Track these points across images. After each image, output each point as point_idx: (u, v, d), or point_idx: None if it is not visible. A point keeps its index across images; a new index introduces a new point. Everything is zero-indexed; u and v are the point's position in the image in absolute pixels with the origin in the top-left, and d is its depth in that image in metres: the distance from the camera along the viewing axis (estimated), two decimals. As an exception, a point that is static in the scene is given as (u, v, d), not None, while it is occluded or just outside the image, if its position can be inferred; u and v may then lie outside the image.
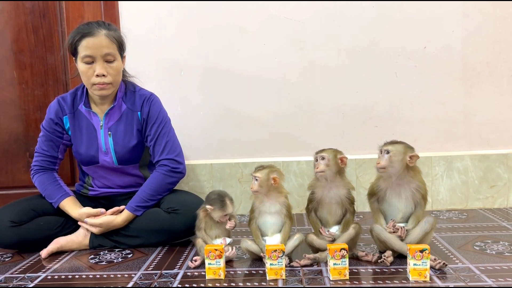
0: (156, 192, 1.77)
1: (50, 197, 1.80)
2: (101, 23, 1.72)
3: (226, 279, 1.40)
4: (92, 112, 1.80)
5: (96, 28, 1.68)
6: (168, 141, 1.80)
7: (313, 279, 1.37)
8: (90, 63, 1.69)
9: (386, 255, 1.44)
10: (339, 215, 1.53)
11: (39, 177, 1.83)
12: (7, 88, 2.20)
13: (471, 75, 2.14)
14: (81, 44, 1.68)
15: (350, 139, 2.18)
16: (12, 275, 1.52)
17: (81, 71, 1.72)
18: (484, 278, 1.32)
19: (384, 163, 1.46)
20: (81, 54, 1.69)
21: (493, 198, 2.16)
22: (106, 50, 1.69)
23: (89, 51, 1.67)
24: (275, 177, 1.47)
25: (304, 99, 2.18)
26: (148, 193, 1.76)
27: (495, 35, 2.12)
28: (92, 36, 1.67)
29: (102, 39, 1.68)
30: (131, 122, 1.80)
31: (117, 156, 1.80)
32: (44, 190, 1.81)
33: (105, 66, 1.70)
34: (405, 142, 1.49)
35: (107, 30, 1.70)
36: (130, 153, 1.81)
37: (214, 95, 2.20)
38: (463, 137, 2.17)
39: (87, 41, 1.67)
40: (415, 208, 1.49)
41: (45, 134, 1.83)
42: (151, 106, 1.80)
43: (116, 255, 1.68)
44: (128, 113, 1.81)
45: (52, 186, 1.81)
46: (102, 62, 1.69)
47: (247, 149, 2.22)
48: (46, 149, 1.83)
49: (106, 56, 1.69)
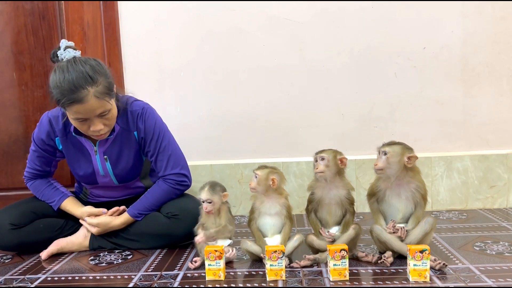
0: (160, 202, 1.75)
1: (49, 200, 1.79)
2: (84, 78, 1.50)
3: (226, 280, 1.40)
4: (83, 139, 1.71)
5: (83, 91, 1.49)
6: (171, 155, 1.74)
7: (313, 280, 1.37)
8: (84, 120, 1.57)
9: (386, 256, 1.44)
10: (339, 215, 1.53)
11: (33, 183, 1.82)
12: (6, 89, 2.20)
13: (470, 75, 2.14)
14: (71, 108, 1.53)
15: (349, 140, 2.18)
16: (12, 277, 1.52)
17: (73, 123, 1.61)
18: (484, 279, 1.32)
19: (381, 164, 1.46)
20: (72, 116, 1.56)
21: (493, 199, 2.16)
22: (100, 110, 1.55)
23: (80, 115, 1.54)
24: (274, 178, 1.47)
25: (304, 99, 2.18)
26: (152, 203, 1.74)
27: (494, 35, 2.12)
28: (81, 103, 1.50)
29: (92, 102, 1.51)
30: (128, 142, 1.74)
31: (117, 178, 1.78)
32: (41, 196, 1.81)
33: (100, 121, 1.58)
34: (403, 143, 1.49)
35: (94, 87, 1.51)
36: (130, 172, 1.78)
37: (214, 96, 2.20)
38: (463, 138, 2.18)
39: (77, 107, 1.52)
40: (415, 208, 1.49)
41: (37, 150, 1.77)
42: (145, 122, 1.71)
43: (116, 256, 1.68)
44: (123, 133, 1.72)
45: (49, 190, 1.80)
46: (97, 119, 1.57)
47: (247, 150, 2.22)
48: (39, 164, 1.79)
49: (100, 114, 1.57)
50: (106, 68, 1.60)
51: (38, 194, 1.81)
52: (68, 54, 1.56)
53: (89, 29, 2.17)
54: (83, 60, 1.56)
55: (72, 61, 1.55)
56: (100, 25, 2.17)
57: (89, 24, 2.16)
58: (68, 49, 1.57)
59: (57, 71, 1.53)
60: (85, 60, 1.56)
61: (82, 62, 1.54)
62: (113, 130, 1.69)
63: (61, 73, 1.52)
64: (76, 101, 1.50)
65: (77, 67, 1.52)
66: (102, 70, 1.57)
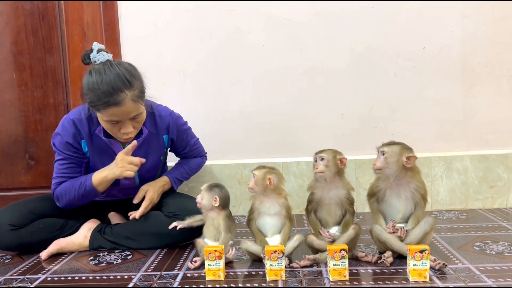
0: (193, 173, 1.98)
1: (79, 186, 1.67)
2: (122, 81, 1.51)
3: (226, 280, 1.40)
4: (112, 141, 1.71)
5: (121, 94, 1.51)
6: (196, 141, 1.95)
7: (313, 280, 1.37)
8: (116, 123, 1.58)
9: (386, 256, 1.44)
10: (339, 215, 1.53)
11: (58, 189, 1.70)
12: (6, 90, 2.20)
13: (470, 75, 2.14)
14: (106, 111, 1.54)
15: (349, 140, 2.18)
16: (11, 277, 1.52)
17: (103, 125, 1.62)
18: (484, 279, 1.32)
19: (379, 164, 1.46)
20: (105, 118, 1.57)
21: (493, 198, 2.16)
22: (134, 113, 1.57)
23: (115, 117, 1.56)
24: (271, 178, 1.48)
25: (304, 99, 2.18)
26: (188, 173, 1.94)
27: (494, 35, 2.12)
28: (119, 106, 1.52)
29: (129, 105, 1.53)
30: (156, 145, 1.78)
31: (140, 179, 1.81)
32: (70, 189, 1.68)
33: (131, 123, 1.60)
34: (403, 143, 1.49)
35: (131, 90, 1.53)
36: (152, 172, 1.84)
37: (214, 96, 2.20)
38: (463, 138, 2.18)
39: (113, 110, 1.53)
40: (414, 208, 1.50)
41: (64, 157, 1.69)
42: (177, 127, 1.81)
43: (116, 256, 1.68)
44: (152, 137, 1.75)
45: (76, 180, 1.69)
46: (128, 121, 1.59)
47: (246, 150, 2.22)
48: (69, 172, 1.71)
49: (133, 117, 1.59)
50: (139, 72, 1.61)
51: (67, 191, 1.68)
52: (102, 57, 1.56)
53: (88, 29, 2.17)
54: (118, 63, 1.57)
55: (108, 64, 1.55)
56: (99, 25, 2.17)
57: (88, 24, 2.17)
58: (101, 52, 1.57)
59: (93, 74, 1.53)
60: (119, 63, 1.58)
61: (118, 65, 1.55)
62: (141, 133, 1.71)
63: (98, 75, 1.52)
64: (113, 104, 1.51)
65: (114, 70, 1.53)
66: (137, 73, 1.60)
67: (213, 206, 1.54)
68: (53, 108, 2.21)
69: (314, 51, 2.15)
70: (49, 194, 1.85)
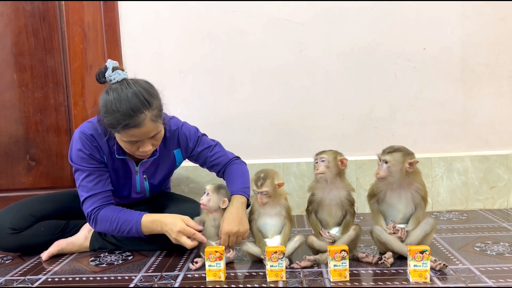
0: (246, 175, 1.73)
1: (124, 221, 1.59)
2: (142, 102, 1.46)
3: (227, 281, 1.40)
4: (128, 159, 1.67)
5: (141, 115, 1.45)
6: (217, 144, 1.78)
7: (314, 281, 1.37)
8: (135, 142, 1.52)
9: (387, 257, 1.44)
10: (339, 216, 1.53)
11: (100, 213, 1.60)
12: (7, 90, 2.20)
13: (470, 76, 2.14)
14: (126, 132, 1.48)
15: (350, 141, 2.18)
16: (12, 278, 1.52)
17: (122, 145, 1.56)
18: (485, 279, 1.32)
19: (383, 173, 1.45)
20: (124, 138, 1.51)
21: (493, 199, 2.16)
22: (153, 133, 1.52)
23: (135, 138, 1.50)
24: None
25: (304, 100, 2.18)
26: (243, 179, 1.69)
27: (494, 36, 2.12)
28: (139, 127, 1.46)
29: (148, 126, 1.48)
30: (167, 160, 1.74)
31: (150, 193, 1.80)
32: (113, 220, 1.59)
33: (150, 141, 1.54)
34: (403, 148, 1.48)
35: (150, 110, 1.48)
36: (161, 186, 1.84)
37: (214, 97, 2.20)
38: (463, 138, 2.18)
39: (133, 131, 1.47)
40: (415, 209, 1.50)
41: (91, 172, 1.61)
42: (188, 139, 1.71)
43: (116, 257, 1.68)
44: (163, 152, 1.71)
45: (122, 214, 1.60)
46: (148, 140, 1.53)
47: (247, 151, 2.21)
48: (101, 186, 1.62)
49: (153, 136, 1.54)
50: (156, 89, 1.56)
51: (112, 224, 1.59)
52: (118, 76, 1.50)
53: (89, 30, 2.17)
54: (134, 81, 1.51)
55: (125, 83, 1.49)
56: (100, 26, 2.17)
57: (89, 25, 2.17)
58: (116, 71, 1.51)
59: (110, 94, 1.47)
60: (136, 81, 1.51)
61: (136, 85, 1.49)
62: (156, 151, 1.67)
63: (117, 96, 1.46)
64: (134, 125, 1.46)
65: (132, 90, 1.47)
66: (155, 91, 1.54)
67: (219, 208, 1.54)
68: (54, 109, 2.21)
69: (314, 51, 2.16)
70: (49, 195, 1.86)
